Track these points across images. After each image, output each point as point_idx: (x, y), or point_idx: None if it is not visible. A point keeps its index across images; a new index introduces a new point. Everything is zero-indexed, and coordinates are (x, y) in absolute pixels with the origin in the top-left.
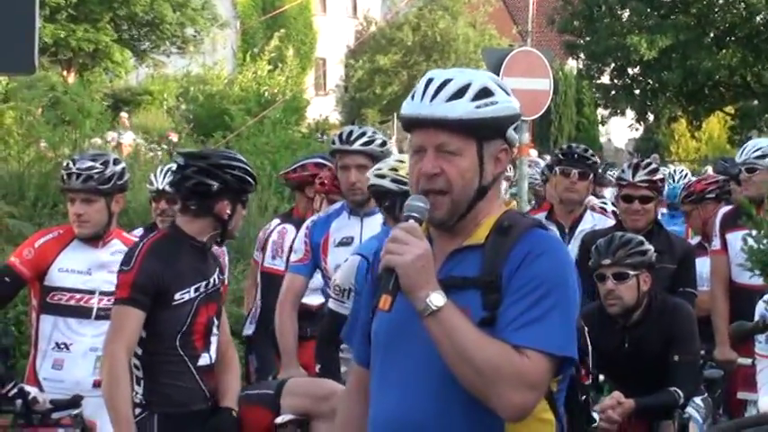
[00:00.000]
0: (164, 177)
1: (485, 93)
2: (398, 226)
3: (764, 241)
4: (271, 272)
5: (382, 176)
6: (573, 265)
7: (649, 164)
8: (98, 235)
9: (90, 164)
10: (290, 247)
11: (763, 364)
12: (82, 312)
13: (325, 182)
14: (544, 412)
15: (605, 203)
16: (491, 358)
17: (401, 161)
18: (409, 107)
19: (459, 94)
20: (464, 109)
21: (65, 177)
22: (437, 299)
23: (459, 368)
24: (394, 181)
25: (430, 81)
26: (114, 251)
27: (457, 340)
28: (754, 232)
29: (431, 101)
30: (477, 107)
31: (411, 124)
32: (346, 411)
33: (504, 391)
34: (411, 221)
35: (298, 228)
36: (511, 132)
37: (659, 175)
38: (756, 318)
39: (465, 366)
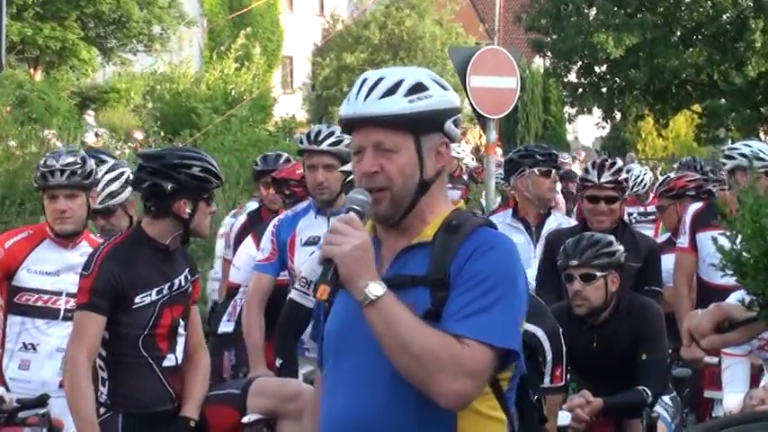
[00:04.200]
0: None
1: (418, 88)
2: (338, 217)
3: (737, 241)
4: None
5: None
6: (521, 263)
7: (614, 164)
8: (77, 231)
9: (71, 159)
10: (237, 236)
11: (727, 363)
12: (49, 313)
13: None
14: (495, 411)
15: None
16: (429, 346)
17: None
18: (345, 109)
19: (392, 90)
20: (397, 104)
21: (47, 175)
22: (376, 288)
23: (398, 357)
24: None
25: (364, 81)
26: (83, 253)
27: (396, 329)
28: (727, 233)
29: (364, 100)
30: (411, 102)
31: (348, 125)
32: (311, 415)
33: (443, 378)
34: (351, 213)
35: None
36: (449, 126)
37: (624, 175)
38: None
39: (404, 355)
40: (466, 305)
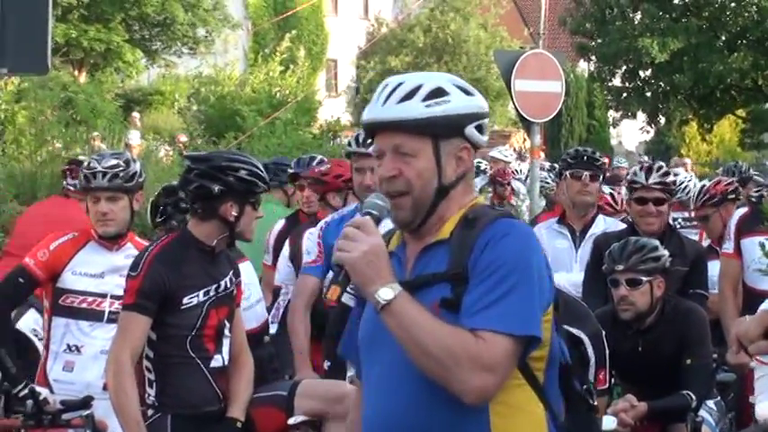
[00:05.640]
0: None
1: (437, 93)
2: (349, 222)
3: None
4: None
5: None
6: (539, 250)
7: (661, 166)
8: (121, 234)
9: (114, 162)
10: (275, 241)
11: (762, 371)
12: (94, 315)
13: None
14: (530, 403)
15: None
16: (445, 344)
17: None
18: (366, 113)
19: (411, 95)
20: (414, 109)
21: (89, 177)
22: (386, 293)
23: (417, 357)
24: None
25: (385, 86)
26: (128, 255)
27: (411, 330)
28: None
29: (383, 104)
30: (428, 106)
31: (370, 130)
32: (350, 425)
33: (462, 375)
34: (364, 217)
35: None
36: (471, 131)
37: (671, 178)
38: None
39: (422, 355)
40: (480, 298)
